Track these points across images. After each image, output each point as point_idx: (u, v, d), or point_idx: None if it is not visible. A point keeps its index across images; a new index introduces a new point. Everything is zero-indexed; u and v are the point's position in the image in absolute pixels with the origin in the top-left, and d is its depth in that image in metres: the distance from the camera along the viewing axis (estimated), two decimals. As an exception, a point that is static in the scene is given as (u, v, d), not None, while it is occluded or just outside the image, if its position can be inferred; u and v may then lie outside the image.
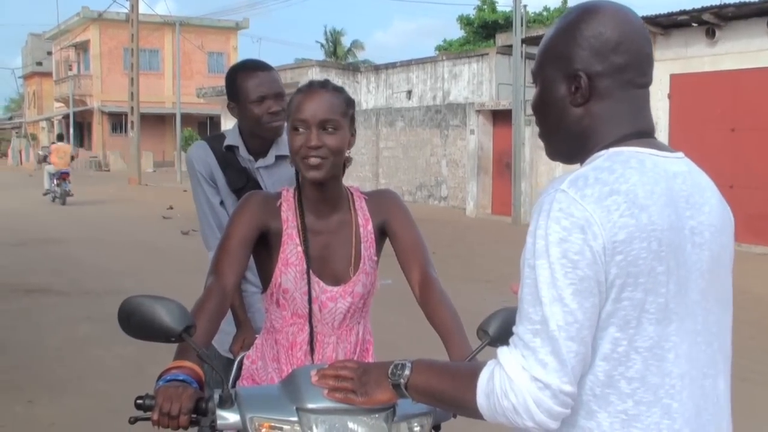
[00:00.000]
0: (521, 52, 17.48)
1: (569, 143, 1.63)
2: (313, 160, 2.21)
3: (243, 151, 3.16)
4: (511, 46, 19.42)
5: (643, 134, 1.59)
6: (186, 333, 1.79)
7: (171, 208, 20.57)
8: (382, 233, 2.40)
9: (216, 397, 1.82)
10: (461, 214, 19.54)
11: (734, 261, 1.65)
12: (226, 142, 3.18)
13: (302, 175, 2.25)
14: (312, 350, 2.31)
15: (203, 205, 3.23)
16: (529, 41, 17.83)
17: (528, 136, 17.65)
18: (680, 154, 1.60)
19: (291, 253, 2.27)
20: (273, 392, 1.88)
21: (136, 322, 1.80)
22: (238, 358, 2.82)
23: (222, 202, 3.21)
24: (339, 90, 2.28)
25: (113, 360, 6.67)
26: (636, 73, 1.58)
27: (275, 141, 3.16)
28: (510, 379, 1.42)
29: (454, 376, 1.59)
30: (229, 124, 30.16)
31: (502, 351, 1.47)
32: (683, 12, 13.60)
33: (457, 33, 41.32)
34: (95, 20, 45.01)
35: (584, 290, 1.40)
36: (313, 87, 2.27)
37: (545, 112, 1.65)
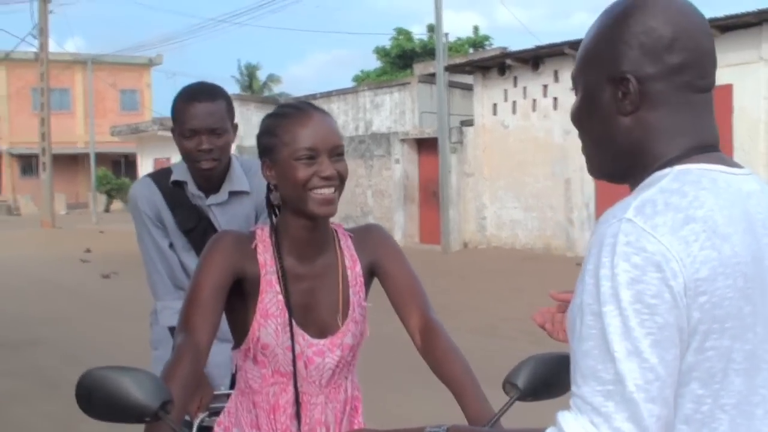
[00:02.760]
0: (444, 80, 17.48)
1: (617, 159, 1.38)
2: (327, 192, 1.92)
3: (192, 187, 2.85)
4: (432, 75, 19.45)
5: (708, 147, 1.34)
6: (162, 410, 1.46)
7: (89, 251, 19.95)
8: (370, 274, 2.11)
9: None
10: (389, 245, 19.27)
11: None
12: (173, 177, 2.86)
13: (305, 211, 1.94)
14: (298, 413, 2.00)
15: (150, 249, 2.90)
16: (451, 69, 17.87)
17: (454, 164, 17.63)
18: (748, 170, 1.36)
19: (271, 302, 1.96)
20: None
21: (100, 399, 1.47)
22: (197, 422, 2.49)
23: (171, 245, 2.88)
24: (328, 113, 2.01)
25: (39, 419, 6.18)
26: (695, 74, 1.33)
27: (228, 175, 2.85)
28: None
29: None
30: (145, 162, 29.49)
31: (565, 417, 1.19)
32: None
33: (373, 63, 41.51)
34: (2, 60, 43.64)
35: (665, 340, 1.15)
36: (309, 109, 1.98)
37: (587, 122, 1.40)
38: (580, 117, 1.42)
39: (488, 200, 17.19)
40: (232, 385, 2.83)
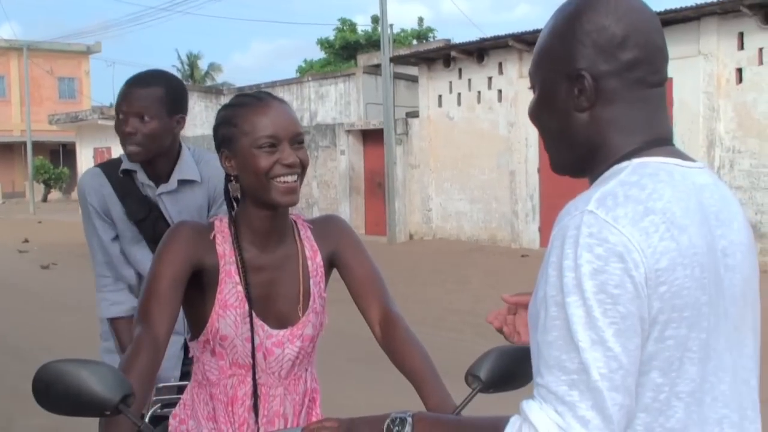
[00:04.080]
0: (389, 71, 17.48)
1: (576, 154, 1.40)
2: (290, 180, 1.90)
3: (141, 176, 2.81)
4: (377, 66, 19.44)
5: (663, 141, 1.36)
6: (123, 404, 1.43)
7: (26, 241, 19.51)
8: (329, 265, 2.10)
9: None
10: (334, 236, 19.24)
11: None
12: (123, 166, 2.82)
13: (268, 200, 1.91)
14: (255, 405, 1.97)
15: (92, 241, 2.89)
16: (396, 60, 17.87)
17: (400, 155, 17.66)
18: (701, 164, 1.39)
19: (230, 293, 1.93)
20: None
21: (58, 393, 1.42)
22: (148, 414, 2.44)
23: (117, 237, 2.85)
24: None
25: (-23, 414, 6.02)
26: (648, 70, 1.35)
27: (177, 164, 2.81)
28: None
29: None
30: (84, 151, 28.95)
31: (530, 406, 1.20)
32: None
33: (317, 54, 41.34)
34: (-67, 45, 42.43)
35: (627, 330, 1.17)
36: (268, 98, 1.96)
37: (545, 119, 1.42)
38: (539, 114, 1.44)
39: (434, 192, 17.27)
40: (181, 377, 2.80)
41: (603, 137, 1.36)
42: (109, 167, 2.88)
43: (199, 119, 24.25)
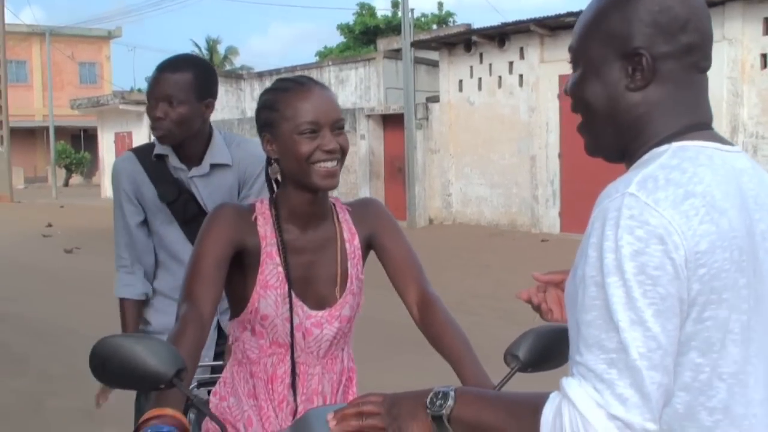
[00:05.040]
0: (410, 55, 17.45)
1: (620, 136, 1.40)
2: (330, 165, 1.94)
3: (173, 160, 2.89)
4: (397, 51, 19.40)
5: (703, 125, 1.38)
6: (177, 378, 1.48)
7: (50, 225, 19.64)
8: (367, 247, 2.14)
9: (213, 451, 1.52)
10: (354, 221, 19.26)
11: None
12: (156, 151, 2.90)
13: (308, 184, 1.96)
14: (294, 383, 2.03)
15: (119, 224, 2.98)
16: (417, 45, 17.84)
17: (420, 140, 17.65)
18: (738, 148, 1.41)
19: (271, 274, 1.98)
20: None
21: (115, 368, 1.48)
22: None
23: (145, 222, 2.95)
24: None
25: (6, 396, 6.11)
26: (701, 55, 1.38)
27: (209, 148, 2.88)
28: (583, 417, 1.18)
29: (510, 410, 1.33)
30: (106, 136, 29.10)
31: (569, 383, 1.23)
32: (570, 14, 13.85)
33: (336, 39, 41.27)
34: (-45, 31, 42.64)
35: (666, 310, 1.19)
36: (310, 84, 1.99)
37: (590, 98, 1.41)
38: (582, 92, 1.42)
39: (454, 177, 17.26)
40: (215, 357, 2.86)
41: (649, 119, 1.37)
42: (141, 152, 2.96)
43: (219, 103, 24.17)
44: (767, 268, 1.32)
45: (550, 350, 1.74)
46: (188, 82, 2.74)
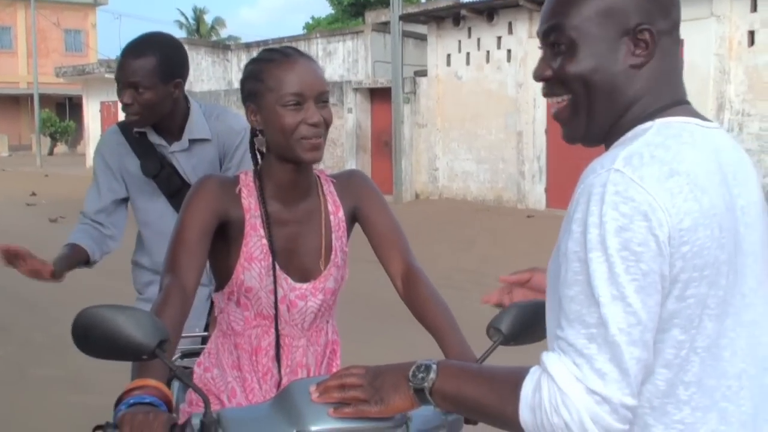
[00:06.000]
0: (399, 29, 17.35)
1: (613, 114, 1.39)
2: (315, 139, 1.92)
3: (153, 136, 2.90)
4: (385, 23, 19.29)
5: (684, 100, 1.40)
6: (159, 349, 1.48)
7: (34, 194, 19.56)
8: (352, 219, 2.14)
9: (196, 422, 1.52)
10: (341, 194, 19.24)
11: None
12: (135, 128, 2.92)
13: (292, 156, 1.95)
14: (278, 355, 2.03)
15: (92, 190, 3.01)
16: (405, 18, 17.73)
17: (407, 114, 17.60)
18: (717, 124, 1.42)
19: (255, 246, 1.98)
20: (265, 413, 1.58)
21: (97, 338, 1.47)
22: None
23: (124, 199, 2.99)
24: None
25: (-9, 362, 6.12)
26: (679, 30, 1.41)
27: (188, 123, 2.89)
28: (561, 391, 1.20)
29: (491, 383, 1.35)
30: (91, 105, 28.85)
31: (549, 357, 1.24)
32: None
33: (325, 10, 40.98)
34: (-62, -5, 42.07)
35: (648, 286, 1.20)
36: (296, 55, 1.97)
37: (589, 77, 1.37)
38: (579, 72, 1.38)
39: (441, 151, 17.24)
40: (205, 328, 2.86)
41: (643, 95, 1.37)
42: (127, 125, 2.96)
43: (206, 74, 24.16)
44: (747, 242, 1.33)
45: (533, 324, 1.75)
46: (152, 66, 2.72)
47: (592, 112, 1.40)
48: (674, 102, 1.38)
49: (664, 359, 1.26)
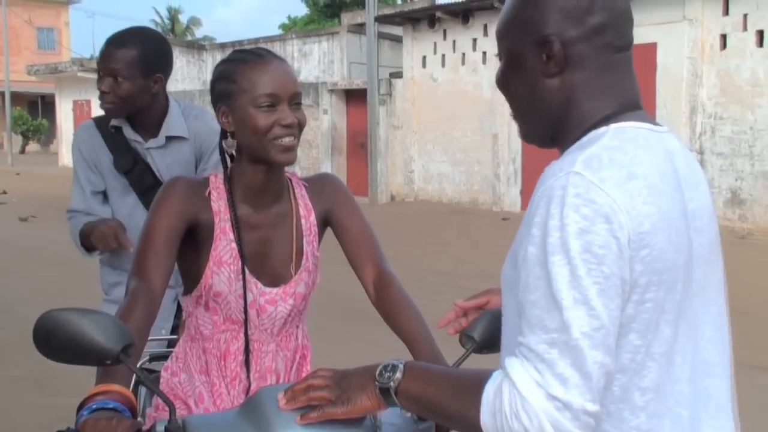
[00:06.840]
0: (374, 30, 17.34)
1: (546, 122, 1.42)
2: (288, 141, 1.90)
3: (128, 131, 2.87)
4: (361, 25, 19.27)
5: (634, 105, 1.40)
6: (124, 354, 1.44)
7: (5, 192, 19.35)
8: (323, 224, 2.11)
9: (161, 428, 1.49)
10: (316, 195, 19.21)
11: None
12: (111, 122, 2.89)
13: (265, 158, 1.91)
14: (247, 360, 2.00)
15: (75, 188, 2.97)
16: (381, 20, 17.73)
17: (383, 116, 17.60)
18: (667, 128, 1.42)
19: (224, 250, 1.94)
20: (232, 421, 1.54)
21: (60, 341, 1.43)
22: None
23: (102, 193, 2.94)
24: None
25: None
26: (615, 34, 1.38)
27: (165, 120, 2.86)
28: (522, 397, 1.18)
29: (455, 386, 1.33)
30: (64, 103, 28.59)
31: (512, 363, 1.23)
32: None
33: (301, 10, 40.91)
34: None
35: (609, 290, 1.19)
36: (269, 56, 1.94)
37: (513, 87, 1.44)
38: (506, 81, 1.45)
39: (416, 153, 17.25)
40: (172, 331, 2.82)
41: (573, 103, 1.38)
42: (102, 120, 2.94)
43: (180, 74, 24.01)
44: (696, 246, 1.33)
45: None
46: (133, 58, 2.72)
47: (525, 117, 1.46)
48: (624, 107, 1.38)
49: (621, 364, 1.25)
